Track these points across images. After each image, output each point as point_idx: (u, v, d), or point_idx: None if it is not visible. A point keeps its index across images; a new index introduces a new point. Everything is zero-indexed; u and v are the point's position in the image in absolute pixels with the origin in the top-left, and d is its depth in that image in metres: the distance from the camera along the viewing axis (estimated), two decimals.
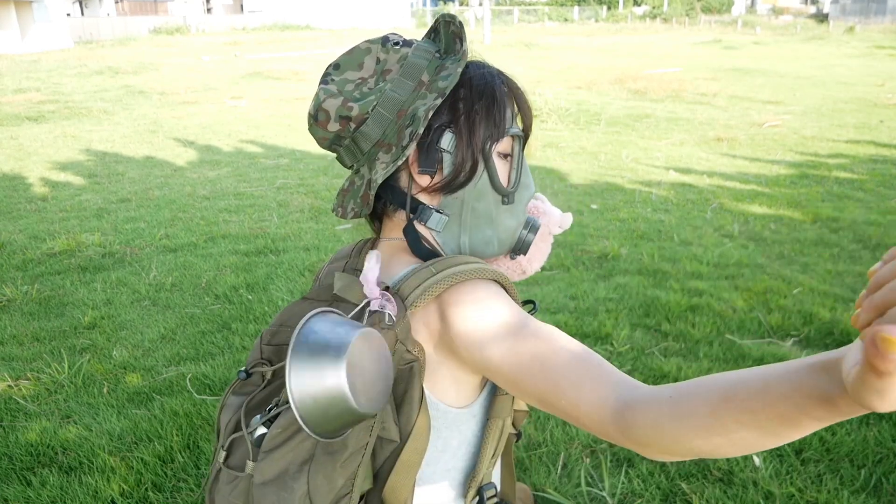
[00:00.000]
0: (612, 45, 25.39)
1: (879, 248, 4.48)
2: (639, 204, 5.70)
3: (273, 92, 13.92)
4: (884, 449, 2.34)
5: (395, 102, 0.85)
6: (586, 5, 54.89)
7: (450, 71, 0.85)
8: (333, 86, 0.87)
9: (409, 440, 0.79)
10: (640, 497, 2.15)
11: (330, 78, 0.88)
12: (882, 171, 6.83)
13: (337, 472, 0.74)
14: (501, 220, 0.89)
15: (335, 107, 0.85)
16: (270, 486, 0.75)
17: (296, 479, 0.74)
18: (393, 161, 0.84)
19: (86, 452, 2.40)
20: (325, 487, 0.74)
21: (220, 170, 7.40)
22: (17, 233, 5.11)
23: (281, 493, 0.75)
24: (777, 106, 11.45)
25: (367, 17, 43.32)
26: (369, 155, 0.87)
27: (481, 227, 0.89)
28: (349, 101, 0.85)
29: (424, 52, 0.88)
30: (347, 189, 0.92)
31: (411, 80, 0.85)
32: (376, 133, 0.86)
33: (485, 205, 0.87)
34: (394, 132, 0.85)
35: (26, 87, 14.66)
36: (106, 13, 40.17)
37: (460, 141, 0.85)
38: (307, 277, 4.06)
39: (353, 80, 0.87)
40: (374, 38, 0.89)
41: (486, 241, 0.89)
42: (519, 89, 0.92)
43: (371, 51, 0.88)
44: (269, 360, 0.88)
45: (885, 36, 28.67)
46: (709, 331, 3.24)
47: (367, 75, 0.87)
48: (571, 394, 0.69)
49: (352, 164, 0.92)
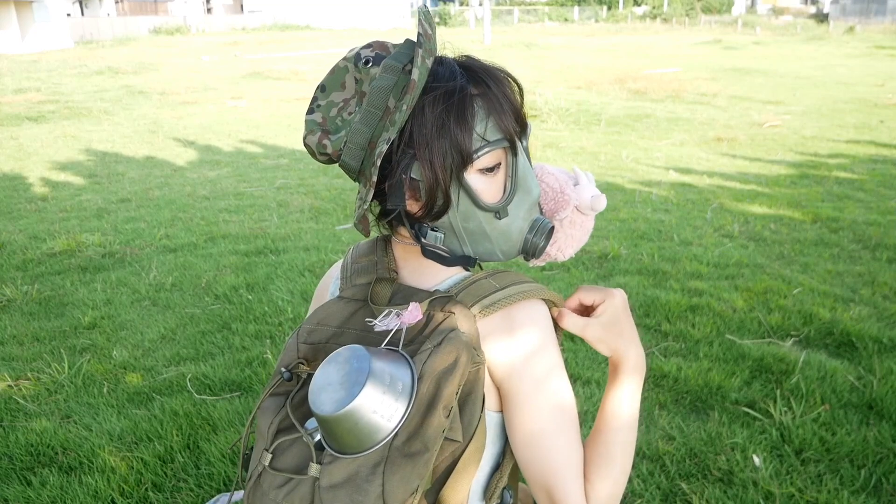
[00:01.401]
0: (612, 46, 25.38)
1: (879, 248, 4.48)
2: (639, 204, 5.70)
3: (273, 92, 13.92)
4: (884, 449, 2.34)
5: (363, 135, 0.83)
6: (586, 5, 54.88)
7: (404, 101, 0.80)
8: (318, 114, 0.86)
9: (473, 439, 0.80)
10: (640, 497, 2.15)
11: (316, 104, 0.86)
12: (882, 171, 6.83)
13: (414, 473, 0.74)
14: (498, 233, 0.87)
15: (314, 143, 0.86)
16: (342, 489, 0.75)
17: (369, 482, 0.74)
18: (363, 200, 0.83)
19: (86, 452, 2.40)
20: (401, 489, 0.74)
21: (220, 170, 7.40)
22: (17, 233, 5.11)
23: (354, 496, 0.74)
24: (777, 106, 11.45)
25: (367, 17, 43.31)
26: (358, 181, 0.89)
27: (479, 241, 0.88)
28: (324, 136, 0.85)
29: (391, 71, 0.82)
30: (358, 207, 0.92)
31: (377, 108, 0.82)
32: (354, 165, 0.85)
33: (475, 224, 0.86)
34: (368, 164, 0.84)
35: (26, 87, 14.65)
36: (106, 13, 40.16)
37: (425, 170, 0.81)
38: (307, 277, 4.06)
39: (337, 104, 0.85)
40: (349, 55, 0.85)
41: (489, 252, 0.89)
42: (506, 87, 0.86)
43: (349, 70, 0.85)
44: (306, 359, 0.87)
45: (885, 36, 28.67)
46: (709, 331, 3.24)
47: (349, 96, 0.85)
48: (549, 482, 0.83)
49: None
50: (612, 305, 0.90)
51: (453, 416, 0.77)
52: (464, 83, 0.83)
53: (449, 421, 0.76)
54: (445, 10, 46.95)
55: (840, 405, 2.61)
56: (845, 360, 2.97)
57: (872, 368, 2.86)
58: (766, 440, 2.41)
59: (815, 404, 2.60)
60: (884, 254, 4.37)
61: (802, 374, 2.79)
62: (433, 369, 0.75)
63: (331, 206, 5.75)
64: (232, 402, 2.73)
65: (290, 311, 3.56)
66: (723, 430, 2.45)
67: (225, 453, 2.38)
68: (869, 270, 4.08)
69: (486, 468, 0.92)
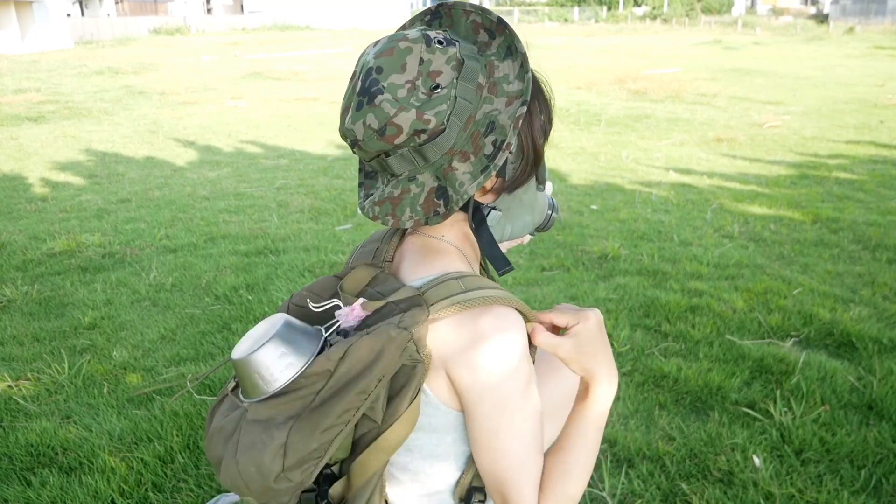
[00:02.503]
0: (612, 46, 25.38)
1: (879, 249, 4.48)
2: (639, 204, 5.70)
3: (273, 92, 13.92)
4: (884, 449, 2.34)
5: (465, 110, 0.83)
6: (586, 6, 54.89)
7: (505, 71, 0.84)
8: (388, 94, 0.81)
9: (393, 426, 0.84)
10: (640, 497, 2.15)
11: (381, 86, 0.81)
12: (882, 171, 6.83)
13: (314, 436, 0.79)
14: (538, 204, 0.96)
15: (409, 120, 0.81)
16: (256, 426, 0.81)
17: (279, 429, 0.80)
18: (481, 171, 0.83)
19: (86, 452, 2.40)
20: (300, 446, 0.79)
21: (220, 170, 7.40)
22: (17, 233, 5.11)
23: (262, 436, 0.80)
24: (777, 106, 11.45)
25: (367, 17, 43.31)
26: (437, 163, 0.84)
27: (524, 215, 0.94)
28: (423, 112, 0.81)
29: (470, 52, 0.84)
30: (399, 196, 0.87)
31: (472, 84, 0.83)
32: (449, 142, 0.83)
33: (529, 195, 0.93)
34: (465, 140, 0.83)
35: (26, 87, 14.65)
36: (106, 13, 40.15)
37: (527, 140, 0.87)
38: (307, 278, 4.06)
39: (401, 85, 0.81)
40: (410, 36, 0.83)
41: (525, 226, 0.95)
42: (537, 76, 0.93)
43: (413, 50, 0.82)
44: None
45: (885, 36, 28.68)
46: (709, 331, 3.24)
47: (412, 77, 0.81)
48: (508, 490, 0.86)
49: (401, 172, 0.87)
50: (586, 329, 0.91)
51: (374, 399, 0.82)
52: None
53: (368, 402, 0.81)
54: None
55: (840, 405, 2.61)
56: (845, 361, 2.97)
57: (872, 369, 2.86)
58: (766, 440, 2.41)
59: (815, 405, 2.60)
60: (884, 254, 4.37)
61: (802, 375, 2.79)
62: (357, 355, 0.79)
63: (331, 207, 5.75)
64: None
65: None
66: (723, 431, 2.45)
67: None
68: (869, 271, 4.08)
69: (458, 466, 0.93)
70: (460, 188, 0.84)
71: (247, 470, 0.79)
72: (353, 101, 0.84)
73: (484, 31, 0.87)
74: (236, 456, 0.80)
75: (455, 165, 0.84)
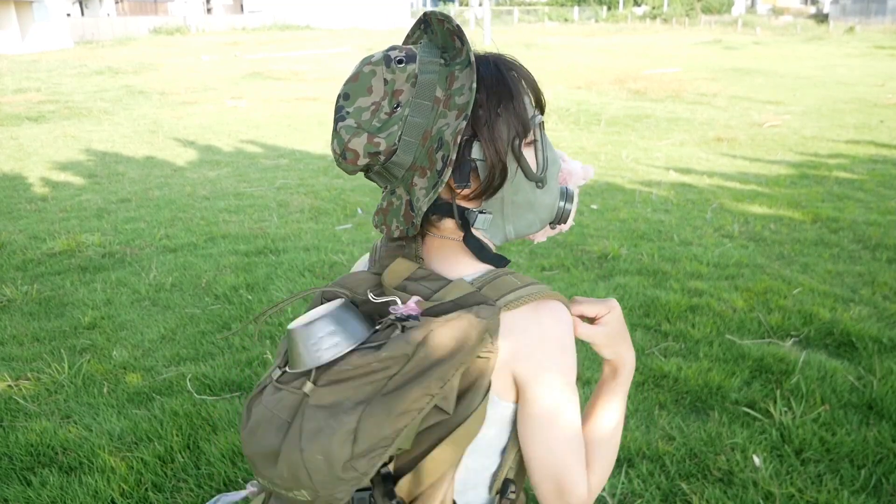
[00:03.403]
0: (612, 46, 25.39)
1: (879, 248, 4.48)
2: (639, 204, 5.70)
3: (273, 92, 13.92)
4: (884, 449, 2.34)
5: (417, 127, 0.86)
6: (586, 5, 54.90)
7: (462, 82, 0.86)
8: (351, 119, 0.86)
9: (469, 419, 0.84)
10: (640, 497, 2.15)
11: (345, 112, 0.87)
12: (882, 171, 6.83)
13: (388, 421, 0.78)
14: (539, 202, 0.95)
15: (362, 145, 0.86)
16: (322, 412, 0.79)
17: (348, 414, 0.78)
18: (432, 187, 0.87)
19: (86, 452, 2.40)
20: (373, 431, 0.78)
21: (220, 170, 7.40)
22: (17, 233, 5.11)
23: (329, 421, 0.78)
24: (777, 106, 11.45)
25: (367, 17, 43.31)
26: (404, 179, 0.89)
27: (523, 214, 0.95)
28: (374, 135, 0.85)
29: (430, 65, 0.87)
30: (386, 208, 0.93)
31: (427, 99, 0.86)
32: (407, 160, 0.87)
33: (522, 195, 0.93)
34: (423, 155, 0.87)
35: (26, 87, 14.66)
36: (106, 13, 40.16)
37: (488, 149, 0.87)
38: (307, 278, 4.06)
39: (366, 108, 0.86)
40: (374, 59, 0.87)
41: (529, 224, 0.96)
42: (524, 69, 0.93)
43: (376, 73, 0.86)
44: None
45: (885, 36, 28.68)
46: (709, 331, 3.24)
47: (378, 98, 0.86)
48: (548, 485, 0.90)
49: (385, 186, 0.93)
50: (615, 318, 0.98)
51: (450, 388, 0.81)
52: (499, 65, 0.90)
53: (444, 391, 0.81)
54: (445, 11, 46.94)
55: (840, 405, 2.61)
56: (845, 360, 2.97)
57: (872, 368, 2.86)
58: (766, 440, 2.41)
59: (815, 404, 2.60)
60: (884, 254, 4.37)
61: (802, 374, 2.79)
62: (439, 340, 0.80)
63: (331, 206, 5.75)
64: (232, 402, 2.73)
65: (289, 311, 3.56)
66: (723, 430, 2.45)
67: (225, 453, 2.38)
68: (869, 270, 4.08)
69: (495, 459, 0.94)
70: (417, 203, 0.89)
71: (313, 458, 0.77)
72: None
73: (457, 39, 0.89)
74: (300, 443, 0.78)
75: (415, 181, 0.88)
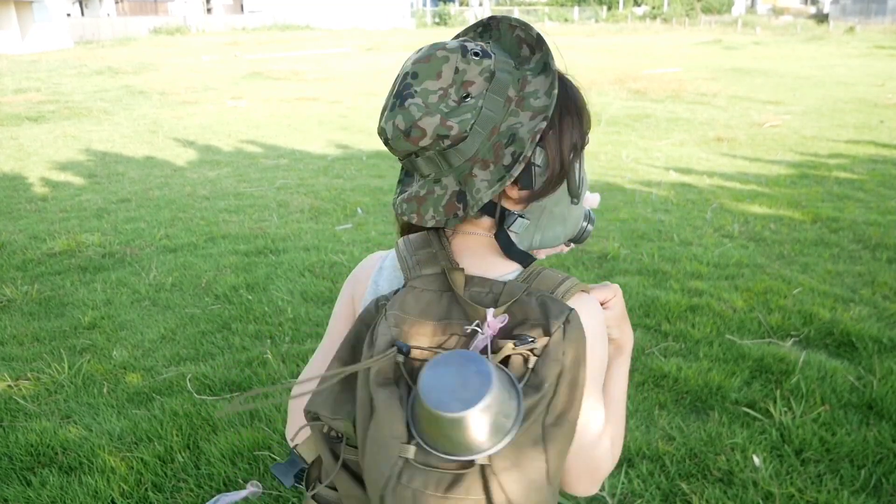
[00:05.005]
0: (612, 46, 25.38)
1: (879, 248, 4.48)
2: (639, 204, 5.70)
3: (273, 92, 13.92)
4: (884, 449, 2.34)
5: (489, 120, 0.87)
6: (586, 5, 54.88)
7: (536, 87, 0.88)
8: (418, 98, 0.86)
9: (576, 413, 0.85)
10: (640, 497, 2.15)
11: (413, 90, 0.87)
12: (882, 171, 6.83)
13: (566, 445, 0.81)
14: (571, 217, 0.98)
15: (433, 125, 0.86)
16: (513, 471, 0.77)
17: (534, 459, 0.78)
18: (497, 180, 0.87)
19: (86, 452, 2.40)
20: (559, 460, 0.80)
21: (220, 170, 7.40)
22: (17, 233, 5.11)
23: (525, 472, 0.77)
24: (777, 106, 11.45)
25: (367, 17, 43.29)
26: (459, 168, 0.89)
27: (554, 226, 0.97)
28: (446, 119, 0.86)
29: (505, 65, 0.89)
30: (424, 196, 0.92)
31: (500, 96, 0.87)
32: (472, 149, 0.88)
33: (560, 208, 0.95)
34: (488, 148, 0.88)
35: (26, 87, 14.66)
36: (106, 13, 40.15)
37: (553, 155, 0.89)
38: (307, 277, 4.06)
39: (433, 91, 0.86)
40: (449, 46, 0.88)
41: (555, 237, 0.98)
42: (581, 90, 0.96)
43: (449, 59, 0.87)
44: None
45: (885, 36, 28.67)
46: (709, 331, 3.24)
47: (445, 85, 0.86)
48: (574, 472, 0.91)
49: (429, 174, 0.91)
50: (620, 301, 1.02)
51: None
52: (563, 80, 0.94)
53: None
54: (445, 10, 46.96)
55: (840, 405, 2.61)
56: (845, 360, 2.97)
57: (872, 368, 2.86)
58: (766, 440, 2.41)
59: (815, 404, 2.60)
60: (884, 254, 4.37)
61: (802, 374, 2.79)
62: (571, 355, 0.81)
63: (331, 206, 5.75)
64: (232, 402, 2.73)
65: (289, 311, 3.56)
66: (723, 431, 2.45)
67: (225, 453, 2.38)
68: (869, 270, 4.08)
69: None
70: (476, 194, 0.89)
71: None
72: (389, 101, 0.90)
73: (527, 47, 0.92)
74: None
75: (475, 172, 0.89)
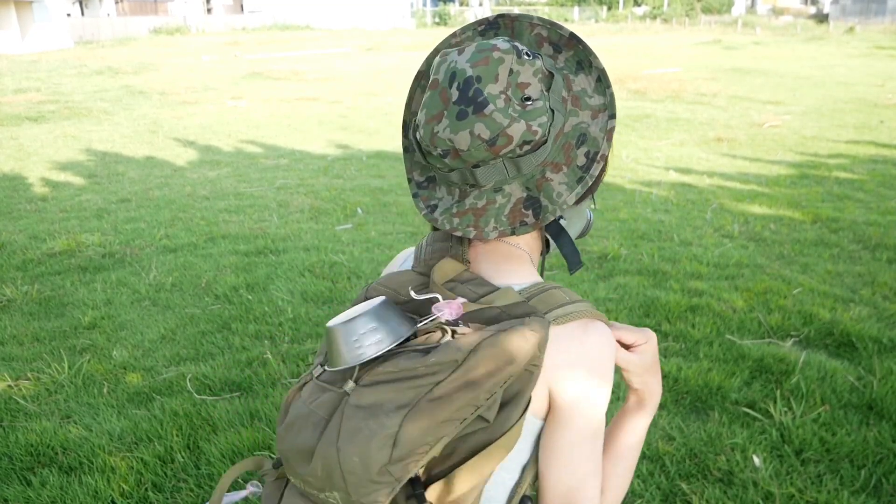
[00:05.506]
0: (613, 46, 25.38)
1: (879, 248, 4.48)
2: (639, 204, 5.70)
3: (273, 92, 13.93)
4: (884, 449, 2.34)
5: (558, 122, 0.85)
6: (586, 6, 54.89)
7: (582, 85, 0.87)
8: (491, 105, 0.81)
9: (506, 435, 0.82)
10: (640, 497, 2.15)
11: (485, 95, 0.81)
12: (882, 171, 6.83)
13: (431, 429, 0.77)
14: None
15: (520, 131, 0.81)
16: (362, 412, 0.78)
17: (389, 417, 0.76)
18: (576, 181, 0.86)
19: (86, 452, 2.40)
20: (413, 438, 0.76)
21: (220, 170, 7.40)
22: (17, 233, 5.11)
23: (368, 422, 0.77)
24: (777, 106, 11.45)
25: (367, 17, 43.30)
26: (529, 174, 0.86)
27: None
28: (531, 124, 0.82)
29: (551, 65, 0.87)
30: (484, 208, 0.88)
31: (559, 96, 0.85)
32: (545, 154, 0.85)
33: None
34: (556, 151, 0.86)
35: (26, 87, 14.66)
36: (106, 13, 40.15)
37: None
38: (307, 277, 4.06)
39: (496, 95, 0.81)
40: (501, 47, 0.83)
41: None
42: None
43: (504, 61, 0.82)
44: None
45: (885, 36, 28.67)
46: (709, 331, 3.24)
47: (503, 88, 0.81)
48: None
49: (487, 183, 0.87)
50: (651, 348, 0.96)
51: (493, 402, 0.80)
52: None
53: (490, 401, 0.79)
54: (445, 10, 46.96)
55: (840, 405, 2.61)
56: (845, 361, 2.97)
57: (872, 368, 2.86)
58: (766, 440, 2.41)
59: (815, 404, 2.60)
60: (884, 254, 4.37)
61: (802, 375, 2.79)
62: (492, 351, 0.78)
63: (331, 206, 5.75)
64: (232, 402, 2.73)
65: (289, 311, 3.56)
66: (723, 431, 2.45)
67: (225, 453, 2.38)
68: (869, 270, 4.08)
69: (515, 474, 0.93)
70: (558, 198, 0.86)
71: (349, 460, 0.75)
72: (449, 109, 0.82)
73: (549, 45, 0.88)
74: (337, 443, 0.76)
75: (549, 176, 0.86)
